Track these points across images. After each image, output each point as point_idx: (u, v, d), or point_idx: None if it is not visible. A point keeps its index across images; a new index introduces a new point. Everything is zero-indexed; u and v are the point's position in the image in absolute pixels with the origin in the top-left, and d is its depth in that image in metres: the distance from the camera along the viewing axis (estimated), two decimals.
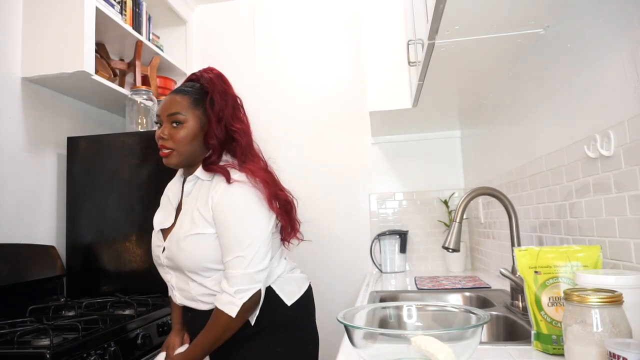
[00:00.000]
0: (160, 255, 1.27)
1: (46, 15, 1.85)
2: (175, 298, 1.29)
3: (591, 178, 1.04)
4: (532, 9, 1.12)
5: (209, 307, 1.22)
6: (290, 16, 2.78)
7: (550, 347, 0.84)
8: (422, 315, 0.92)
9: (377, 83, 2.02)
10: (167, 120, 1.24)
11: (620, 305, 0.66)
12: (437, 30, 1.21)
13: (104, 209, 1.98)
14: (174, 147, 1.23)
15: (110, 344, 1.32)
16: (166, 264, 1.26)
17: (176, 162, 1.25)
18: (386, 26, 2.03)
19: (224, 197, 1.18)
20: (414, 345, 0.72)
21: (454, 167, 2.56)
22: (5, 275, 1.60)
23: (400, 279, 2.17)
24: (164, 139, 1.23)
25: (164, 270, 1.30)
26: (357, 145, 2.64)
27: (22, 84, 1.86)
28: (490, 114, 1.92)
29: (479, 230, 2.24)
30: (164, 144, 1.24)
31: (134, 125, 2.15)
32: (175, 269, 1.25)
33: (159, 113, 1.26)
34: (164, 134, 1.23)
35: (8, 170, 1.77)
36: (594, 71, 1.01)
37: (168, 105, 1.25)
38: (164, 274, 1.31)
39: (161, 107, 1.26)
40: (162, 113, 1.25)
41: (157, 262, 1.31)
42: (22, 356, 1.16)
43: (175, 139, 1.23)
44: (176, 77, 2.68)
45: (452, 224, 1.35)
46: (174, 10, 2.65)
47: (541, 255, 0.88)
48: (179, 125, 1.23)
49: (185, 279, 1.24)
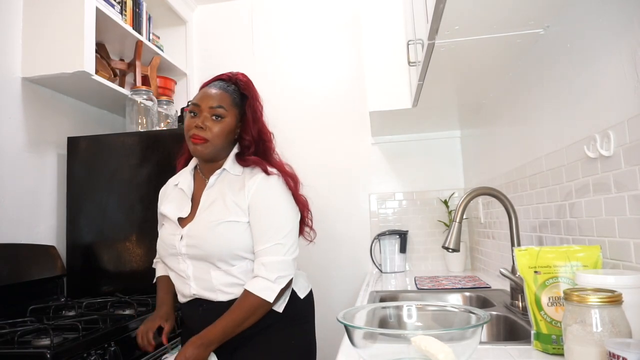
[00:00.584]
0: (177, 244, 1.26)
1: (46, 15, 1.85)
2: (190, 289, 1.27)
3: (591, 178, 1.04)
4: (532, 9, 1.12)
5: (229, 297, 1.23)
6: (290, 16, 2.78)
7: (550, 347, 0.84)
8: (422, 315, 0.92)
9: (377, 83, 2.02)
10: (209, 112, 1.27)
11: (620, 305, 0.67)
12: (437, 30, 1.21)
13: (104, 209, 1.98)
14: (210, 139, 1.26)
15: (110, 344, 1.32)
16: (185, 252, 1.25)
17: (207, 153, 1.28)
18: (386, 26, 2.03)
19: (262, 186, 1.25)
20: (414, 345, 0.72)
21: (454, 167, 2.56)
22: (5, 275, 1.60)
23: (400, 279, 2.17)
24: (201, 128, 1.26)
25: (177, 260, 1.28)
26: (357, 145, 2.64)
27: (22, 84, 1.86)
28: (490, 114, 1.92)
29: (479, 230, 2.24)
30: (199, 134, 1.26)
31: (134, 125, 2.15)
32: (196, 257, 1.24)
33: (198, 103, 1.28)
34: (204, 124, 1.26)
35: (8, 170, 1.77)
36: (594, 71, 1.01)
37: (212, 98, 1.28)
38: (176, 263, 1.28)
39: (203, 99, 1.28)
40: (203, 104, 1.28)
41: (171, 252, 1.28)
42: (22, 356, 1.16)
43: (213, 131, 1.27)
44: (176, 77, 2.68)
45: (452, 224, 1.35)
46: (174, 10, 2.65)
47: (541, 255, 0.88)
48: (218, 119, 1.28)
49: (207, 268, 1.24)
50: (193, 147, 1.28)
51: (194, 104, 1.29)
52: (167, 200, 1.36)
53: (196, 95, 1.32)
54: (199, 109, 1.29)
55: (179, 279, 1.30)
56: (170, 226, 1.31)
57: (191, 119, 1.29)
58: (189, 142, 1.29)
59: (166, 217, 1.33)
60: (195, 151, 1.29)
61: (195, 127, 1.27)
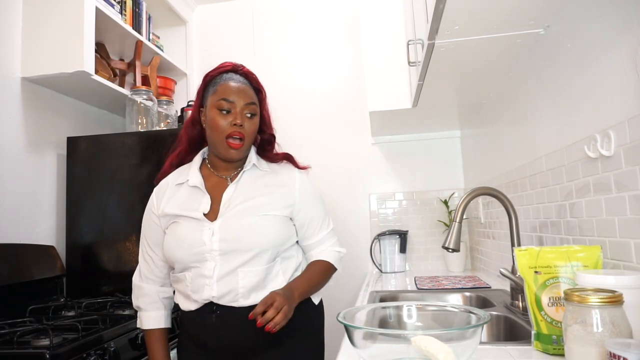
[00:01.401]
0: (207, 239, 1.14)
1: (46, 15, 1.85)
2: (211, 291, 1.13)
3: (591, 178, 1.04)
4: (532, 9, 1.12)
5: (248, 302, 1.14)
6: (290, 16, 2.78)
7: (550, 347, 0.84)
8: (422, 315, 0.92)
9: (377, 83, 2.02)
10: (244, 109, 1.18)
11: (620, 305, 0.66)
12: (437, 30, 1.21)
13: (104, 209, 1.97)
14: (246, 139, 1.19)
15: (110, 344, 1.32)
16: (218, 248, 1.14)
17: (242, 154, 1.21)
18: (386, 26, 2.03)
19: (305, 181, 1.27)
20: (414, 345, 0.72)
21: (454, 167, 2.56)
22: (5, 275, 1.60)
23: (400, 279, 2.17)
24: (242, 126, 1.17)
25: (203, 259, 1.15)
26: (357, 145, 2.64)
27: (22, 84, 1.86)
28: (490, 114, 1.92)
29: (479, 230, 2.24)
30: (240, 132, 1.17)
31: (134, 125, 2.15)
32: (229, 253, 1.14)
33: (233, 99, 1.17)
34: (243, 122, 1.17)
35: (8, 170, 1.77)
36: (594, 71, 1.01)
37: (245, 94, 1.19)
38: (201, 262, 1.15)
39: (237, 94, 1.18)
40: (238, 100, 1.17)
41: (196, 251, 1.15)
42: (22, 356, 1.16)
43: (248, 130, 1.19)
44: (176, 77, 2.68)
45: (452, 224, 1.35)
46: (174, 10, 2.65)
47: (541, 255, 0.88)
48: (252, 117, 1.20)
49: (234, 267, 1.14)
50: (229, 150, 1.17)
51: (229, 101, 1.17)
52: (171, 200, 1.23)
53: (220, 89, 1.19)
54: (233, 106, 1.17)
55: (197, 280, 1.16)
56: (192, 223, 1.17)
57: (224, 116, 1.17)
58: (223, 143, 1.17)
59: (182, 217, 1.19)
60: (229, 153, 1.18)
61: (234, 126, 1.16)
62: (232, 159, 1.20)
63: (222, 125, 1.16)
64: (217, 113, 1.17)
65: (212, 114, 1.18)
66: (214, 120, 1.17)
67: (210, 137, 1.21)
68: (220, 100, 1.17)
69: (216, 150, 1.21)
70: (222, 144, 1.18)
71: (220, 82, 1.21)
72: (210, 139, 1.21)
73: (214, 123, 1.18)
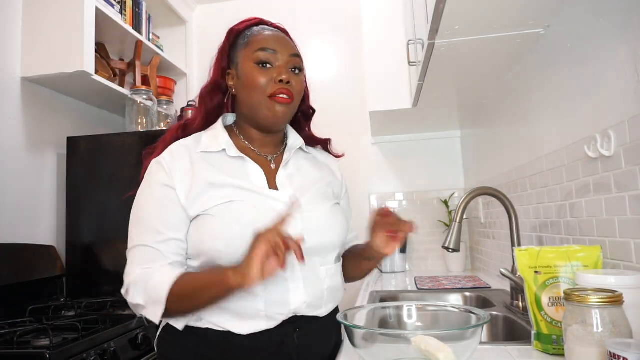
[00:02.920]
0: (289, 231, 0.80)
1: (46, 15, 1.85)
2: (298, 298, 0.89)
3: (591, 178, 1.04)
4: (532, 9, 1.12)
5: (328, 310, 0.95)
6: (290, 16, 2.77)
7: (550, 347, 0.84)
8: (422, 316, 0.92)
9: (377, 83, 2.01)
10: (289, 61, 0.95)
11: (620, 305, 0.66)
12: (437, 30, 1.21)
13: (104, 209, 1.97)
14: (293, 98, 0.94)
15: (110, 344, 1.32)
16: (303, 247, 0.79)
17: (288, 119, 0.98)
18: (386, 26, 2.03)
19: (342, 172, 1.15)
20: (414, 346, 0.72)
21: (454, 167, 2.56)
22: (5, 275, 1.60)
23: (400, 279, 2.17)
24: (289, 84, 0.93)
25: None
26: (357, 145, 2.64)
27: (22, 84, 1.86)
28: (490, 114, 1.92)
29: (479, 230, 2.24)
30: (288, 90, 0.93)
31: (134, 125, 2.15)
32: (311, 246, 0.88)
33: (275, 48, 0.94)
34: (289, 77, 0.93)
35: (8, 170, 1.77)
36: (594, 71, 1.01)
37: (289, 43, 0.97)
38: None
39: (278, 42, 0.96)
40: (281, 49, 0.94)
41: None
42: (22, 356, 1.16)
43: (296, 88, 0.94)
44: (176, 77, 2.68)
45: (452, 224, 1.35)
46: (174, 10, 2.65)
47: (541, 255, 0.88)
48: (299, 73, 0.97)
49: (316, 265, 0.93)
50: (275, 107, 0.92)
51: (269, 51, 0.93)
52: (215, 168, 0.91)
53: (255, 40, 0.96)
54: (275, 58, 0.93)
55: (275, 286, 0.87)
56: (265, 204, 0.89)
57: (265, 72, 0.92)
58: (267, 103, 0.92)
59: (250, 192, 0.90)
60: (276, 114, 0.92)
61: (279, 83, 0.91)
62: (277, 122, 0.95)
63: (263, 83, 0.92)
64: (255, 68, 0.93)
65: (247, 68, 0.94)
66: (252, 77, 0.92)
67: (246, 101, 0.95)
68: (258, 51, 0.93)
69: (256, 114, 0.95)
70: (266, 104, 0.92)
71: (254, 33, 0.98)
72: (248, 102, 0.95)
73: (252, 81, 0.92)
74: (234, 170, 0.93)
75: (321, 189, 1.02)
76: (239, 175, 0.92)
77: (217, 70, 1.01)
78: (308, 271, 0.91)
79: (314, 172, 1.04)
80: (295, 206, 0.86)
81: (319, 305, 0.93)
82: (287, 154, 1.01)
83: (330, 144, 1.17)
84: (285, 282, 0.88)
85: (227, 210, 0.87)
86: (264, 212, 0.87)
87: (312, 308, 0.91)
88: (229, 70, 1.00)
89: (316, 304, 0.92)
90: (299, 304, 0.89)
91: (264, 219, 0.83)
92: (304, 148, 1.07)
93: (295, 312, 0.89)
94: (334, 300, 0.98)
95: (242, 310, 0.86)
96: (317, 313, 0.92)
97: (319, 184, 1.02)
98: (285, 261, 0.76)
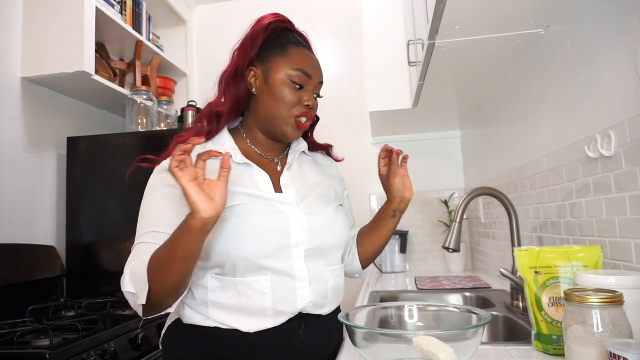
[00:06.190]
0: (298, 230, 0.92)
1: (46, 15, 1.85)
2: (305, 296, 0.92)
3: (591, 178, 1.04)
4: (532, 9, 1.12)
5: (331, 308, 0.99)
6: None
7: (550, 347, 0.84)
8: (423, 315, 0.92)
9: (377, 83, 2.01)
10: (316, 87, 1.02)
11: (620, 305, 0.66)
12: (437, 30, 1.21)
13: (104, 209, 1.97)
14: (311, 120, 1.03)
15: (110, 344, 1.32)
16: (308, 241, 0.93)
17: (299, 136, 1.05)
18: (386, 26, 2.03)
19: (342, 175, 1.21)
20: (415, 345, 0.72)
21: (454, 167, 2.56)
22: (5, 275, 1.60)
23: (400, 279, 2.17)
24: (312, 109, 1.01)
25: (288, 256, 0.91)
26: (357, 145, 2.64)
27: (22, 84, 1.86)
28: (490, 114, 1.92)
29: (479, 230, 2.24)
30: (310, 114, 1.00)
31: (134, 125, 2.15)
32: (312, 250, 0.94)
33: (311, 73, 0.98)
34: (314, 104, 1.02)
35: (8, 170, 1.77)
36: (594, 71, 1.01)
37: (320, 69, 1.03)
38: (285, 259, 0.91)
39: (315, 68, 1.01)
40: (315, 75, 1.00)
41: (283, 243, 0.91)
42: (22, 356, 1.16)
43: (314, 112, 1.03)
44: (176, 77, 2.68)
45: (452, 224, 1.35)
46: (174, 10, 2.65)
47: (541, 255, 0.88)
48: (316, 98, 1.04)
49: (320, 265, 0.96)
50: (296, 130, 0.98)
51: (307, 75, 0.97)
52: None
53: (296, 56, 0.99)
54: (309, 83, 0.98)
55: (284, 284, 0.90)
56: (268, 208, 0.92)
57: (296, 92, 0.96)
58: (290, 121, 0.96)
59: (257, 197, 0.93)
60: (294, 134, 0.99)
61: (305, 107, 0.98)
62: (291, 139, 1.01)
63: (292, 101, 0.96)
64: (289, 85, 0.96)
65: (280, 82, 0.96)
66: (283, 92, 0.95)
67: (268, 109, 0.97)
68: (297, 70, 0.97)
69: (273, 125, 0.98)
70: (288, 122, 0.96)
71: (292, 45, 1.02)
72: (269, 111, 0.97)
73: (282, 95, 0.95)
74: (240, 177, 0.95)
75: (324, 191, 1.06)
76: (246, 181, 0.95)
77: (243, 58, 1.02)
78: (313, 271, 0.94)
79: (317, 175, 1.09)
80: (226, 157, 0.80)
81: (323, 304, 0.96)
82: (291, 157, 1.06)
83: (331, 149, 1.21)
84: (292, 281, 0.91)
85: (235, 213, 0.89)
86: (271, 215, 0.92)
87: (317, 307, 0.95)
88: (253, 66, 1.01)
89: (321, 302, 0.95)
90: (305, 302, 0.92)
91: (272, 221, 0.91)
92: (306, 152, 1.11)
93: (301, 310, 0.93)
94: (337, 299, 1.02)
95: (250, 308, 0.89)
96: (321, 311, 0.96)
97: (321, 187, 1.06)
98: (190, 154, 0.76)
